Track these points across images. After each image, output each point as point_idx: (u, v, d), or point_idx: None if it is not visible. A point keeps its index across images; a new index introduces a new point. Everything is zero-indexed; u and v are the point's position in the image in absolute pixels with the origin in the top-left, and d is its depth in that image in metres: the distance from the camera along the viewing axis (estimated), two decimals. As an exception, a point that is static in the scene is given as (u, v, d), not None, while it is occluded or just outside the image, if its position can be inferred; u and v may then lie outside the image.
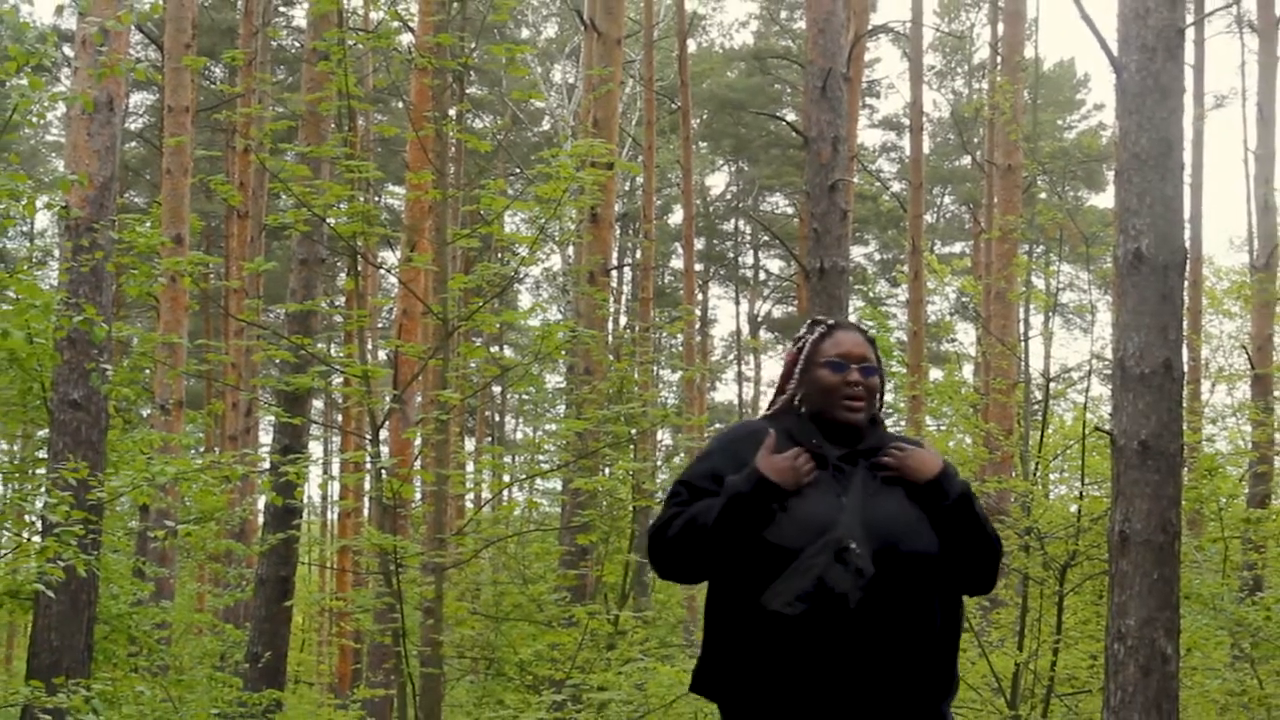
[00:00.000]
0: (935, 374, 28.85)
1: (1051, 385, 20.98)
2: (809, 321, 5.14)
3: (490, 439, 44.56)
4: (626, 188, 35.14)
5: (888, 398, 5.07)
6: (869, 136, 46.29)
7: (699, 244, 44.30)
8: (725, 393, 53.55)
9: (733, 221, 51.89)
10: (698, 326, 43.36)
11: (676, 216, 39.75)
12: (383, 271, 26.14)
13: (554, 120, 37.74)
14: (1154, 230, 11.98)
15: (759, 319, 53.25)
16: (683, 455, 29.74)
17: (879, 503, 4.77)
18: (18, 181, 9.68)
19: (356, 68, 17.35)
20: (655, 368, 33.20)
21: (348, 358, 18.11)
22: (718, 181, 51.14)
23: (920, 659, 4.73)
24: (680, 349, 38.85)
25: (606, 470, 21.39)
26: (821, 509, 4.71)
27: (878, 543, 4.64)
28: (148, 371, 19.18)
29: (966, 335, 43.04)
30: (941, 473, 4.79)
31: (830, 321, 5.12)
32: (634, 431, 21.38)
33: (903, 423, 26.30)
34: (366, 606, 17.83)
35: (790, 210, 47.72)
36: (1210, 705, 15.66)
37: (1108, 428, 12.24)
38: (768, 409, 5.10)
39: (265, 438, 28.44)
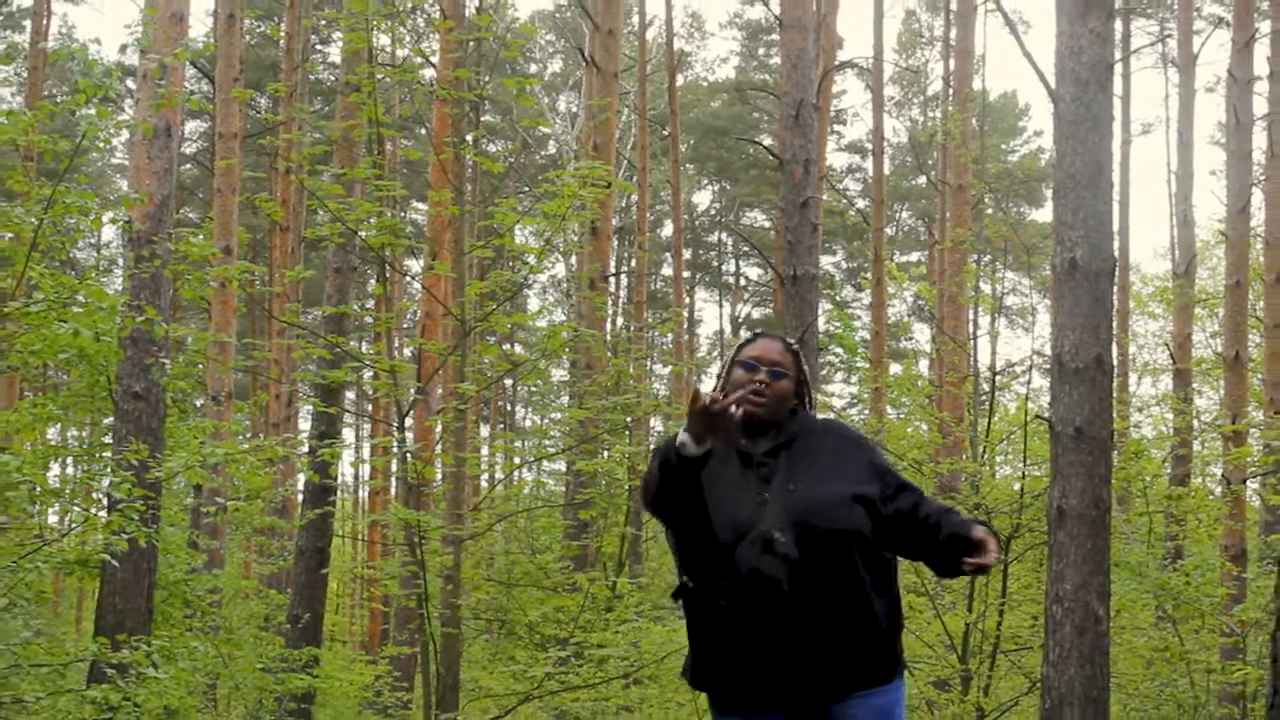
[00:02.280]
0: (895, 368, 28.86)
1: (997, 378, 20.94)
2: (737, 343, 5.23)
3: (502, 426, 44.52)
4: (623, 204, 35.06)
5: (850, 389, 5.07)
6: (836, 159, 46.23)
7: (686, 254, 44.29)
8: (710, 385, 53.48)
9: (716, 234, 51.80)
10: (685, 327, 43.24)
11: (667, 230, 39.71)
12: (408, 278, 26.12)
13: (559, 145, 37.68)
14: (1087, 241, 11.97)
15: (739, 320, 53.12)
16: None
17: (802, 492, 4.80)
18: (87, 199, 9.64)
19: (385, 99, 17.33)
20: (648, 363, 33.22)
21: (377, 354, 18.03)
22: (703, 199, 51.03)
23: (851, 618, 4.76)
24: (670, 346, 38.75)
25: (605, 453, 21.36)
26: (746, 507, 4.76)
27: (799, 528, 4.69)
28: (201, 366, 19.11)
29: (922, 334, 43.13)
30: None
31: (758, 331, 5.25)
32: (629, 419, 21.37)
33: (866, 412, 26.30)
34: (393, 574, 17.79)
35: (767, 224, 47.66)
36: (1137, 660, 15.65)
37: (1047, 415, 12.22)
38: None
39: (304, 425, 28.46)
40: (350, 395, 34.18)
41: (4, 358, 8.11)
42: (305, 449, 18.33)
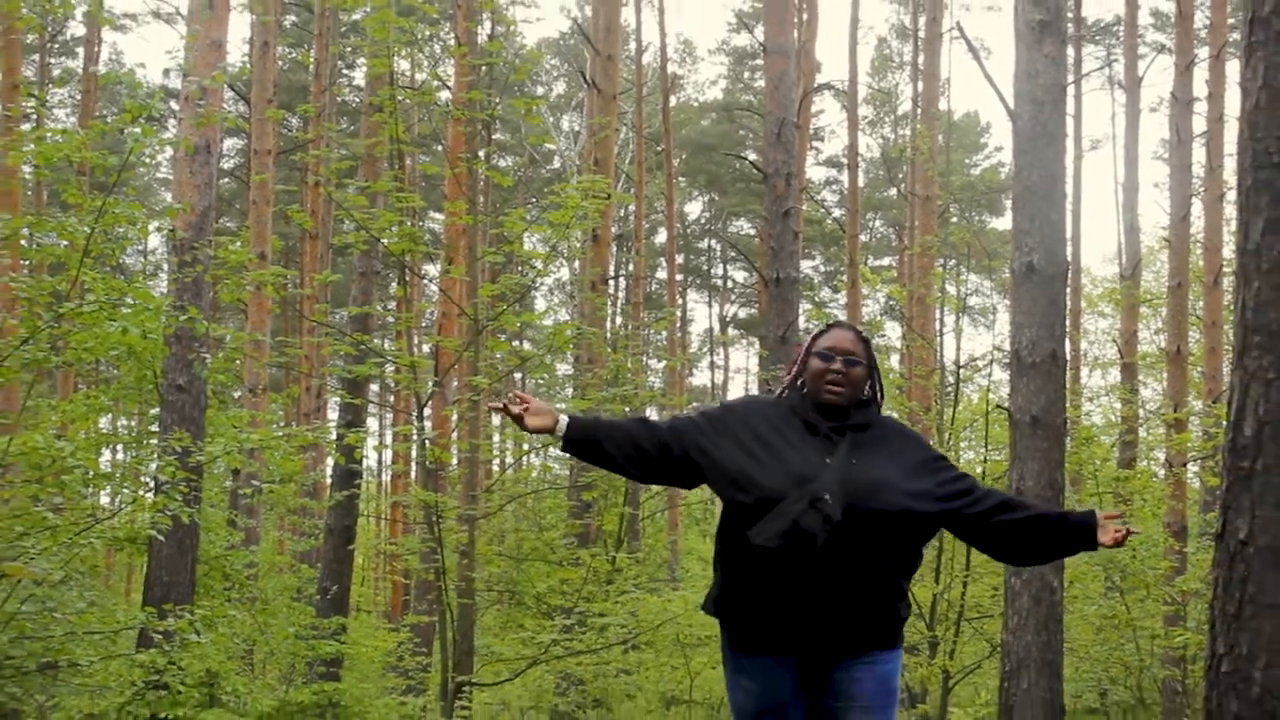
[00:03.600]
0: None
1: (961, 371, 20.92)
2: (819, 327, 5.21)
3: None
4: (621, 214, 34.94)
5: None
6: (815, 173, 46.13)
7: (679, 259, 44.25)
8: (701, 378, 53.28)
9: (706, 241, 51.76)
10: (678, 325, 43.27)
11: (661, 237, 39.60)
12: (426, 281, 26.06)
13: (563, 160, 37.61)
14: (1043, 247, 11.96)
15: (727, 319, 53.07)
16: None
17: (860, 469, 4.77)
18: (134, 210, 9.63)
19: (404, 118, 17.27)
20: (644, 358, 33.10)
21: (398, 351, 17.99)
22: (694, 209, 50.99)
23: (872, 591, 4.75)
24: (664, 343, 38.72)
25: (606, 440, 21.35)
26: (805, 465, 4.74)
27: (849, 499, 4.66)
28: (238, 362, 19.11)
29: (893, 331, 42.93)
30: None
31: (832, 321, 5.18)
32: (628, 409, 21.33)
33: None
34: (413, 550, 17.76)
35: (752, 232, 47.56)
36: (1088, 627, 15.66)
37: (1006, 405, 12.22)
38: (782, 388, 5.12)
39: (332, 415, 28.40)
40: (374, 388, 34.12)
41: (60, 354, 8.09)
42: (333, 436, 18.33)
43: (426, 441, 16.65)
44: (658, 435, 4.93)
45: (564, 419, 4.85)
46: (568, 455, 4.83)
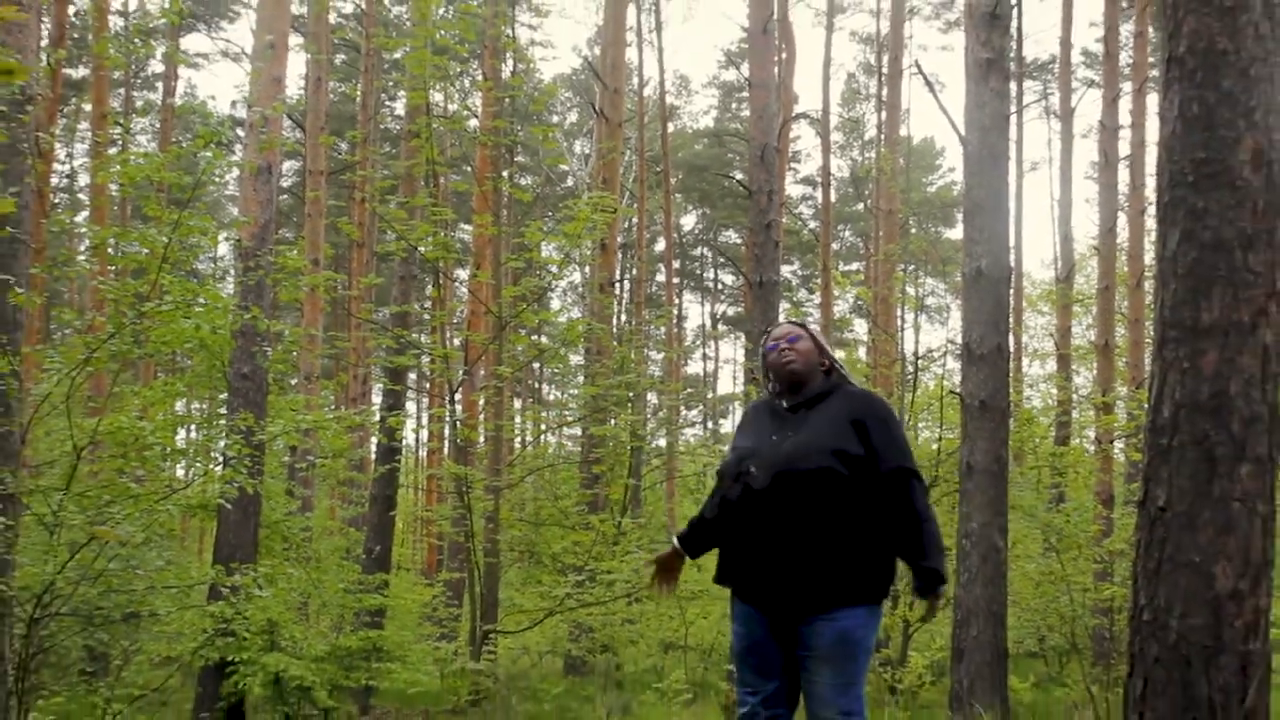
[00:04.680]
0: (839, 354, 28.71)
1: (919, 362, 20.90)
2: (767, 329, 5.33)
3: (531, 400, 44.42)
4: (625, 226, 34.92)
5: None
6: (793, 190, 46.03)
7: (676, 264, 44.14)
8: (694, 367, 53.25)
9: (699, 249, 51.64)
10: (675, 322, 43.21)
11: (660, 245, 39.46)
12: (457, 284, 26.04)
13: (575, 179, 37.55)
14: (989, 255, 11.95)
15: (717, 317, 53.05)
16: (665, 411, 29.62)
17: (796, 438, 4.79)
18: (205, 222, 9.61)
19: (439, 143, 17.27)
20: (645, 350, 33.08)
21: (433, 344, 18.02)
22: (689, 221, 50.80)
23: (816, 549, 4.66)
24: (663, 337, 38.66)
25: (613, 421, 21.35)
26: (754, 444, 4.87)
27: (777, 466, 4.70)
28: (295, 354, 19.08)
29: (861, 327, 42.88)
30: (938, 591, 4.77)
31: (769, 328, 5.30)
32: (631, 393, 21.34)
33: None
34: (446, 516, 17.77)
35: (739, 241, 47.48)
36: (1029, 582, 15.64)
37: (958, 391, 12.22)
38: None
39: (376, 399, 28.38)
40: (412, 376, 34.07)
41: (142, 347, 8.08)
42: (377, 418, 18.31)
43: (457, 422, 16.68)
44: (713, 500, 5.09)
45: (676, 542, 5.16)
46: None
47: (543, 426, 35.92)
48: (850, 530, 4.66)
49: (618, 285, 35.14)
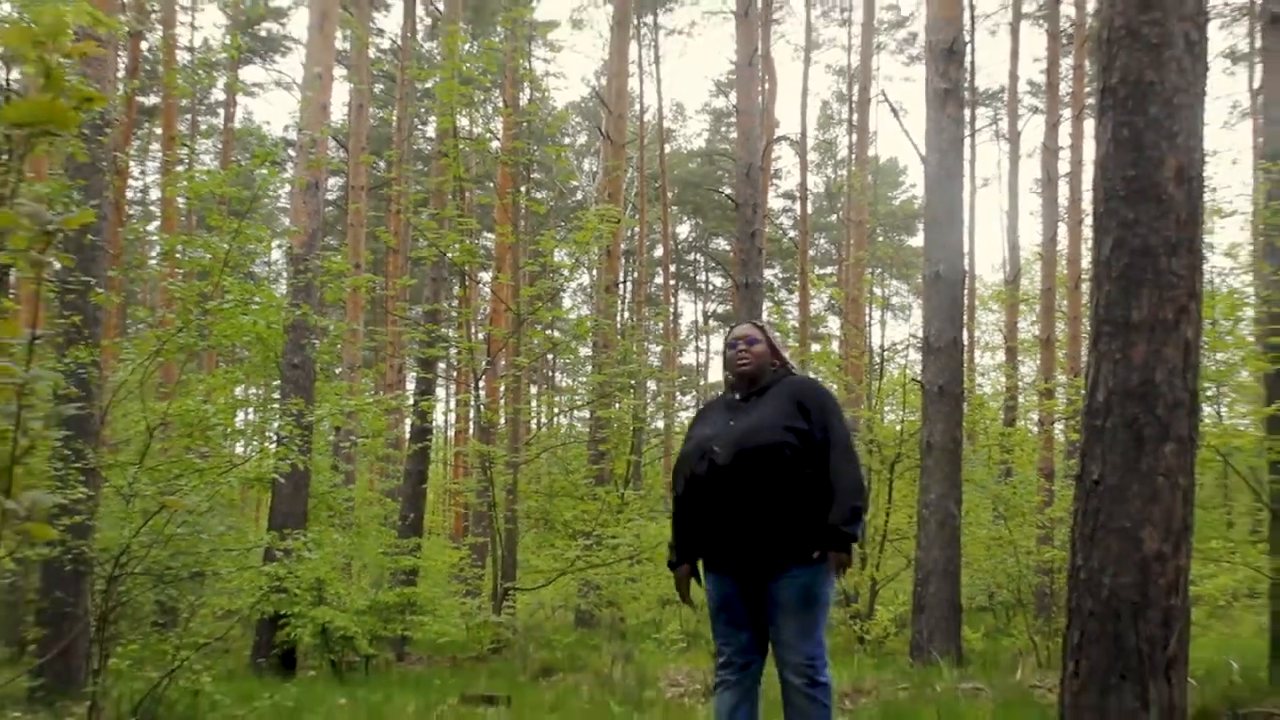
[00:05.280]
0: (815, 346, 28.75)
1: (885, 353, 20.91)
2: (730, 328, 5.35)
3: (546, 386, 44.42)
4: (628, 234, 34.93)
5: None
6: (775, 203, 45.81)
7: (672, 268, 44.17)
8: (688, 359, 53.25)
9: (693, 254, 51.58)
10: (671, 318, 43.20)
11: (658, 251, 39.48)
12: (481, 285, 26.05)
13: (584, 193, 37.52)
14: (946, 260, 11.96)
15: (708, 314, 53.01)
16: (663, 396, 29.65)
17: (750, 420, 4.84)
18: (261, 231, 9.61)
19: (464, 162, 17.27)
20: (645, 343, 33.11)
21: (460, 337, 18.01)
22: (684, 230, 50.74)
23: (773, 517, 4.69)
24: (660, 332, 38.68)
25: (617, 405, 21.37)
26: (713, 429, 4.90)
27: (737, 445, 4.74)
28: (339, 346, 19.10)
29: (834, 323, 42.86)
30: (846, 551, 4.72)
31: (734, 325, 5.32)
32: (633, 381, 21.34)
33: (795, 372, 26.27)
34: (471, 488, 17.82)
35: (727, 247, 47.41)
36: (980, 545, 15.67)
37: (919, 379, 12.22)
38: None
39: (410, 386, 28.40)
40: (441, 365, 34.11)
41: (205, 340, 8.10)
42: (410, 403, 18.32)
43: (481, 406, 16.69)
44: (675, 488, 5.06)
45: (674, 568, 5.08)
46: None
47: (555, 410, 35.94)
48: (802, 497, 4.68)
49: (621, 286, 35.15)
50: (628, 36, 22.86)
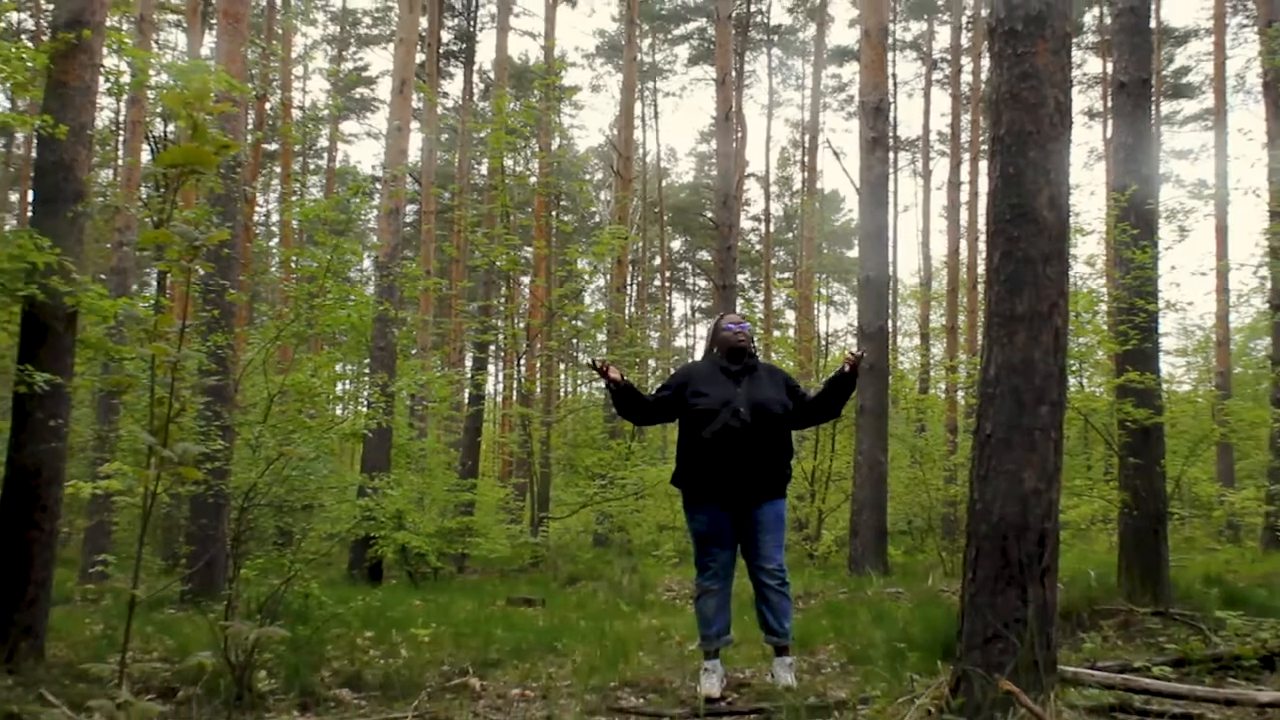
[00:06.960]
0: (776, 333, 28.76)
1: (829, 339, 20.89)
2: (717, 316, 5.37)
3: (571, 364, 44.41)
4: (634, 248, 34.93)
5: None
6: (746, 224, 45.46)
7: (667, 273, 44.11)
8: (679, 343, 53.19)
9: (683, 263, 51.45)
10: (666, 312, 43.20)
11: (657, 260, 39.42)
12: (522, 286, 26.02)
13: (600, 216, 37.42)
14: (875, 267, 11.95)
15: (695, 309, 52.96)
16: (660, 370, 29.65)
17: (755, 391, 4.95)
18: (354, 246, 9.60)
19: (510, 193, 17.26)
20: (647, 331, 33.13)
21: (506, 327, 18.02)
22: (676, 244, 50.62)
23: (773, 460, 4.92)
24: (658, 322, 38.64)
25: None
26: (726, 392, 4.94)
27: (755, 406, 4.89)
28: (414, 333, 19.10)
29: (790, 316, 42.73)
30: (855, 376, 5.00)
31: (724, 314, 5.35)
32: (638, 360, 21.31)
33: (760, 358, 26.30)
34: (515, 441, 17.81)
35: (709, 257, 47.23)
36: (901, 484, 15.69)
37: (854, 358, 12.22)
38: (703, 356, 5.25)
39: (468, 363, 28.41)
40: (492, 348, 34.10)
41: (313, 328, 8.11)
42: (468, 376, 18.34)
43: (522, 379, 16.70)
44: (658, 394, 5.10)
45: (618, 376, 4.97)
46: (611, 395, 4.97)
47: (579, 382, 35.94)
48: (784, 448, 4.98)
49: (628, 288, 35.16)
50: (634, 98, 22.76)
